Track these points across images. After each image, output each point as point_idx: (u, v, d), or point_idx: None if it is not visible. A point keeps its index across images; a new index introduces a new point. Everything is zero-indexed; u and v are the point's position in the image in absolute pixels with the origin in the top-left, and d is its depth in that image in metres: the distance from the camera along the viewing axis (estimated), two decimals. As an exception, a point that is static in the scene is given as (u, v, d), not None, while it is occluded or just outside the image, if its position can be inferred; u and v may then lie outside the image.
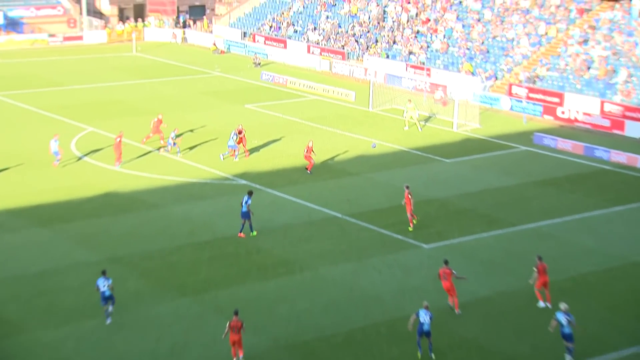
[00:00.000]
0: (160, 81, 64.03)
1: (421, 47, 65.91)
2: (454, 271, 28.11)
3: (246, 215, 33.72)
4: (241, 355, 25.05)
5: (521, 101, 55.55)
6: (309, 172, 41.91)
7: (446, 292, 28.02)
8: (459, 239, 34.32)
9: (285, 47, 73.62)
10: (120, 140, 42.22)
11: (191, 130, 48.61)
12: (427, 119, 53.40)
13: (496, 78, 59.84)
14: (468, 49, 63.69)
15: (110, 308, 26.97)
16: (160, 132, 45.78)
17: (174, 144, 44.05)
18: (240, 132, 44.14)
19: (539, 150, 47.35)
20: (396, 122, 52.46)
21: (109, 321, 26.95)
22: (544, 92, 55.67)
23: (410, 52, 65.80)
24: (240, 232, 34.00)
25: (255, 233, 34.13)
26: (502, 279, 30.68)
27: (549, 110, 54.39)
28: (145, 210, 36.86)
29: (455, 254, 32.59)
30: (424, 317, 25.25)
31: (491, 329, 27.13)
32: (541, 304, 28.45)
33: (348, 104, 57.51)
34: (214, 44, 76.87)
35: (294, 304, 28.46)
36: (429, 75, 61.82)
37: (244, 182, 40.65)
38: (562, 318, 25.22)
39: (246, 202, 33.66)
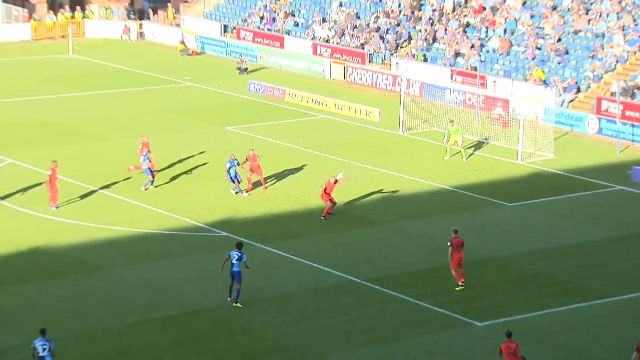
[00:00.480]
0: (107, 94, 64.45)
1: (472, 46, 66.52)
2: (519, 347, 28.45)
3: (238, 277, 34.14)
4: None
5: (614, 122, 55.84)
6: (323, 218, 42.28)
7: None
8: (525, 314, 34.43)
9: (282, 46, 74.32)
10: (53, 173, 42.74)
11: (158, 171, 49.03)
12: (477, 147, 53.66)
13: (579, 90, 60.26)
14: (539, 48, 64.23)
15: None
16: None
17: (150, 171, 45.24)
18: (249, 160, 45.30)
19: None
20: (437, 150, 52.75)
21: None
22: (646, 109, 56.01)
23: (457, 54, 66.38)
24: (231, 295, 34.47)
25: (239, 305, 34.39)
26: (587, 371, 30.76)
27: (653, 134, 54.79)
28: (85, 273, 37.02)
29: (520, 335, 32.70)
30: None
31: None
32: None
33: (370, 125, 57.86)
34: (182, 42, 77.65)
35: (295, 406, 28.57)
36: (483, 85, 62.25)
37: (224, 233, 40.90)
38: None
39: (240, 259, 34.06)
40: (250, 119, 58.55)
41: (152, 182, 45.74)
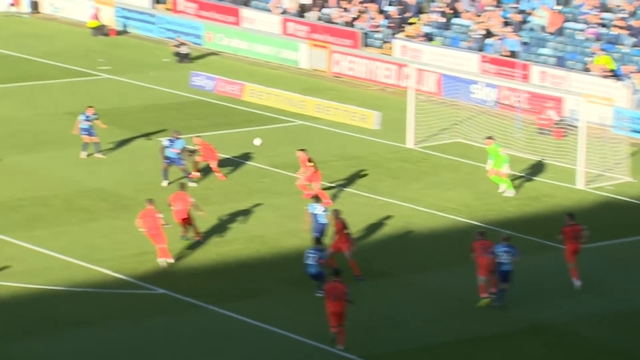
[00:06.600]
0: (-11, 91, 64.48)
1: (509, 22, 66.55)
2: None
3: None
4: None
5: None
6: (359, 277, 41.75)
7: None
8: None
9: (237, 22, 74.14)
10: None
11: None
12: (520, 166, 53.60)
13: (663, 82, 60.42)
14: (604, 25, 64.29)
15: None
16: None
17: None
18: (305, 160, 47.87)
19: None
20: (462, 170, 53.23)
21: None
22: None
23: (489, 33, 66.39)
24: None
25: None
26: None
27: None
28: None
29: None
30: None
31: None
32: None
33: (367, 135, 58.11)
34: (96, 17, 77.43)
35: None
36: (526, 77, 62.18)
37: (161, 290, 40.60)
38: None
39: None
40: (195, 127, 58.16)
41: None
